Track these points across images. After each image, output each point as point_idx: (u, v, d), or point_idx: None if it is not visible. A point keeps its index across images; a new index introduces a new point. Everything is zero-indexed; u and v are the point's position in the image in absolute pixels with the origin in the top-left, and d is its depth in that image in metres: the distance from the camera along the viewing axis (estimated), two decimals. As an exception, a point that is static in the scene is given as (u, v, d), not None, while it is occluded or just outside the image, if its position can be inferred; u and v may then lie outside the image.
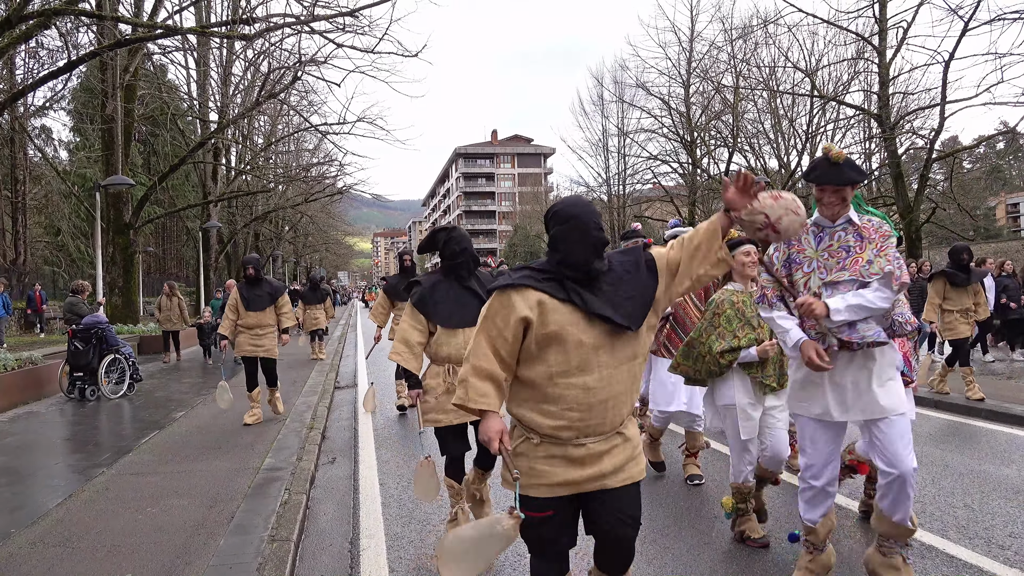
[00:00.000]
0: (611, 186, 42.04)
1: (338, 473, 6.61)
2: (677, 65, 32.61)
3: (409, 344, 4.48)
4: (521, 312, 2.62)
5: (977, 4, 16.58)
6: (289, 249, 50.94)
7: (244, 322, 8.79)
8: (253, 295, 8.79)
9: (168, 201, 33.82)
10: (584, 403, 2.61)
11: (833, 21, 21.06)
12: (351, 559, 4.51)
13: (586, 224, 2.63)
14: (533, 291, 2.65)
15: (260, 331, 8.78)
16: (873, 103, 23.55)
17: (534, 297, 2.64)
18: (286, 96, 22.62)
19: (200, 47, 23.03)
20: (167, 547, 4.52)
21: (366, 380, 12.71)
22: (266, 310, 8.80)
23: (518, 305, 2.63)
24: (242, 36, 13.73)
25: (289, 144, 34.82)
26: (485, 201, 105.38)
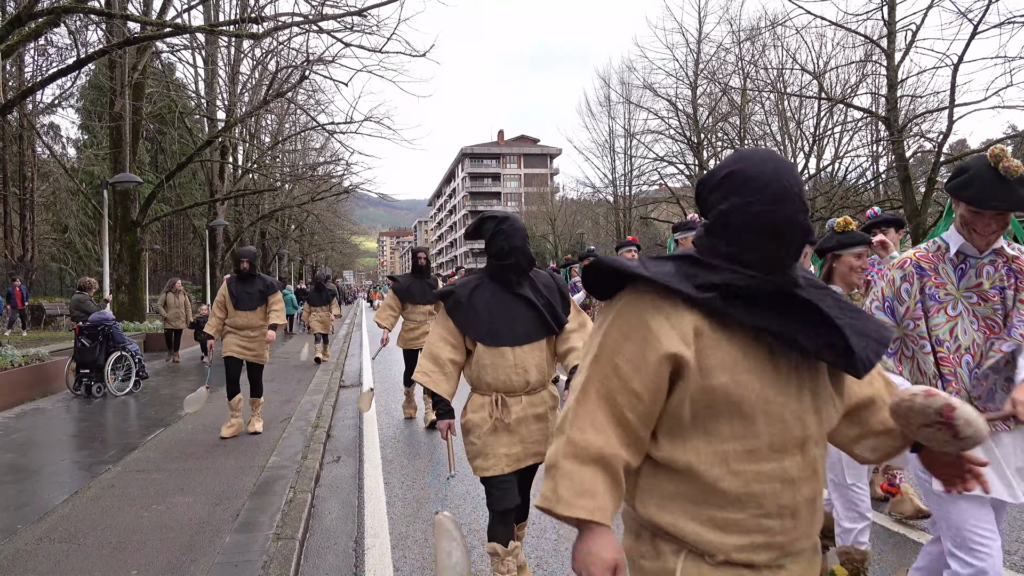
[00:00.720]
0: (617, 187, 42.02)
1: (343, 472, 6.61)
2: (684, 66, 32.61)
3: (439, 361, 3.50)
4: (668, 346, 1.50)
5: (987, 7, 16.53)
6: (295, 248, 51.02)
7: (233, 322, 7.94)
8: (244, 292, 7.92)
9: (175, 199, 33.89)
10: (788, 505, 1.52)
11: (841, 23, 21.00)
12: (356, 558, 4.51)
13: (792, 197, 1.49)
14: (687, 309, 1.52)
15: (251, 332, 7.92)
16: (881, 106, 23.47)
17: (689, 321, 1.51)
18: (293, 95, 22.67)
19: (208, 45, 23.11)
20: (173, 544, 4.52)
21: (371, 380, 12.72)
22: (257, 310, 7.93)
23: (662, 332, 1.51)
24: (250, 35, 13.76)
25: (296, 143, 34.90)
26: (491, 201, 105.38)
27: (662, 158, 35.60)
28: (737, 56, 28.71)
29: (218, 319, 7.97)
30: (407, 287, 8.44)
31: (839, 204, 26.63)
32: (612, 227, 43.53)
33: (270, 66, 23.08)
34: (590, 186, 45.20)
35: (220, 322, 7.98)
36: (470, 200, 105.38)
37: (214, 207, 27.36)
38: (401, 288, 8.45)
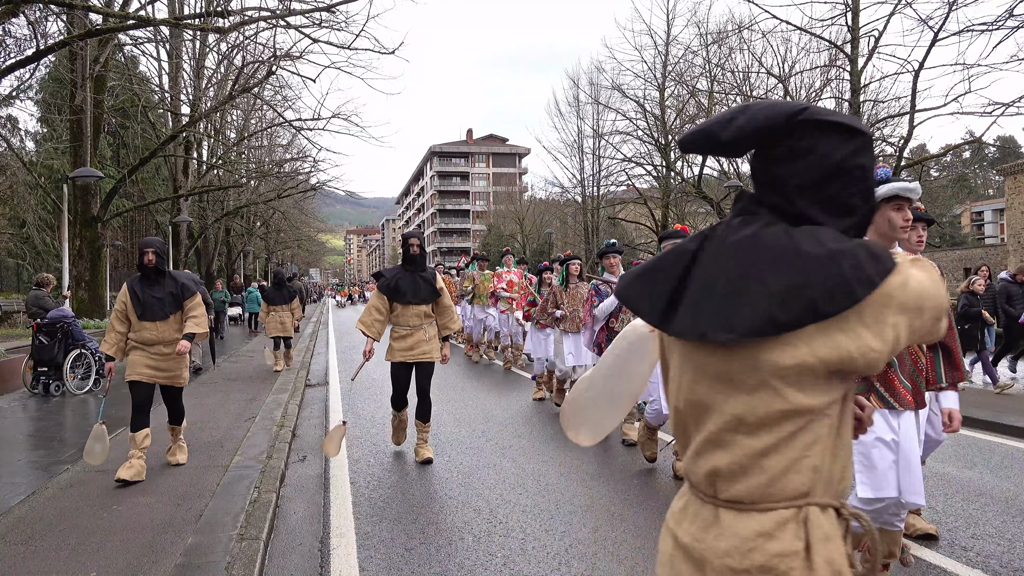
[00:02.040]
0: (585, 187, 42.16)
1: (308, 472, 6.55)
2: (653, 68, 32.83)
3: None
4: None
5: (947, 15, 16.89)
6: (261, 245, 50.45)
7: (138, 336, 6.16)
8: (150, 297, 6.12)
9: (138, 195, 33.31)
10: None
11: (806, 28, 21.32)
12: (321, 558, 4.48)
13: None
14: None
15: (164, 349, 6.19)
16: (844, 110, 23.87)
17: None
18: (260, 90, 22.41)
19: (173, 39, 22.72)
20: (133, 545, 4.45)
21: (337, 379, 12.63)
22: (170, 319, 6.19)
23: None
24: (216, 29, 13.57)
25: (262, 139, 34.47)
26: (459, 200, 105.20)
27: (630, 159, 35.80)
28: (704, 59, 28.99)
29: (118, 334, 6.21)
30: (395, 283, 6.69)
31: (803, 206, 27.01)
32: (580, 227, 43.68)
33: (236, 61, 22.78)
34: (559, 186, 45.28)
35: (121, 337, 6.23)
36: (439, 199, 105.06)
37: (178, 203, 26.94)
38: (388, 284, 6.73)
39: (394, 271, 6.85)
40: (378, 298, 6.76)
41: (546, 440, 7.56)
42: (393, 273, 6.82)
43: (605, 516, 5.08)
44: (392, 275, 6.80)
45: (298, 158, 34.48)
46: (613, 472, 6.30)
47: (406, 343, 6.72)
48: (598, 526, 4.87)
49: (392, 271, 6.87)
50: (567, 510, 5.24)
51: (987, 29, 14.96)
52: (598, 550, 4.45)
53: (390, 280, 6.75)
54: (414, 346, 6.72)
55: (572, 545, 4.52)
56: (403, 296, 6.67)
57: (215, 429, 8.00)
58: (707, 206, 31.58)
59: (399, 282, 6.68)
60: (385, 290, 6.72)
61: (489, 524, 4.94)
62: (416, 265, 6.80)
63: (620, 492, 5.69)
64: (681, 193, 33.35)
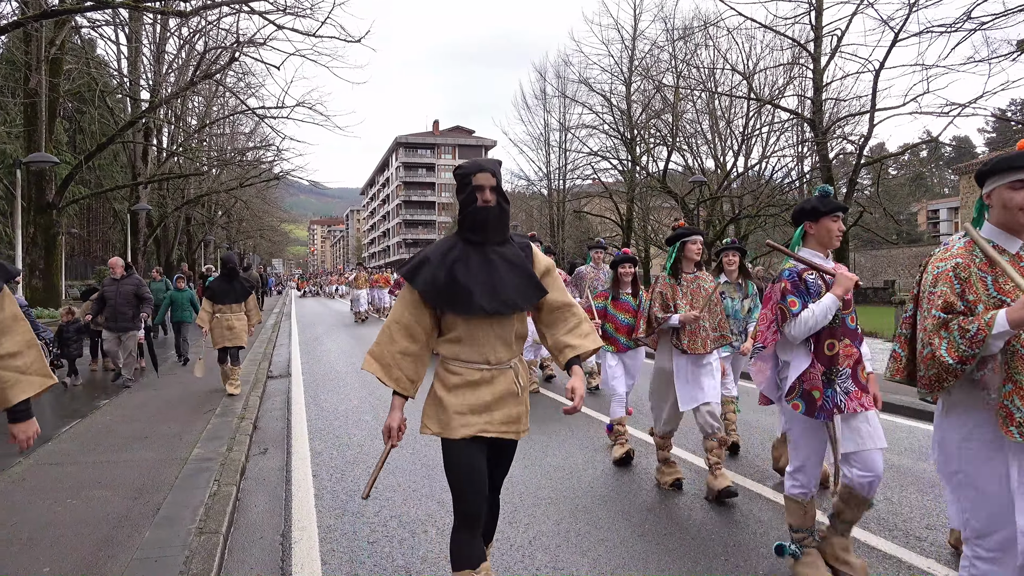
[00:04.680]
0: (551, 180, 42.28)
1: (270, 464, 6.47)
2: (619, 63, 32.98)
3: None
4: None
5: (907, 16, 17.26)
6: (222, 235, 49.67)
7: None
8: None
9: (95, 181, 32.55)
10: None
11: (771, 26, 21.60)
12: (282, 552, 4.43)
13: None
14: None
15: None
16: (807, 108, 24.23)
17: None
18: (222, 77, 22.03)
19: (132, 22, 22.23)
20: (88, 540, 4.35)
21: (300, 370, 12.50)
22: None
23: None
24: (177, 13, 13.30)
25: (224, 127, 33.93)
26: (425, 192, 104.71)
27: (596, 152, 36.00)
28: (671, 54, 29.20)
29: None
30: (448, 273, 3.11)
31: (765, 202, 27.39)
32: (546, 220, 43.78)
33: (198, 46, 22.39)
34: (524, 179, 45.36)
35: None
36: (404, 190, 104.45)
37: (136, 191, 26.38)
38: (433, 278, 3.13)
39: (443, 248, 3.22)
40: (410, 307, 3.17)
41: (510, 433, 7.56)
42: (442, 252, 3.18)
43: (569, 509, 5.10)
44: (439, 256, 3.17)
45: (261, 147, 33.98)
46: (577, 466, 6.32)
47: (478, 397, 3.14)
48: (561, 519, 4.88)
49: (440, 248, 3.24)
50: (531, 503, 5.24)
51: (946, 31, 15.27)
52: (561, 542, 4.46)
53: (436, 267, 3.14)
54: (496, 404, 3.16)
55: (536, 537, 4.53)
56: (467, 300, 3.07)
57: (174, 421, 7.86)
58: (672, 200, 31.84)
59: (457, 271, 3.10)
60: (427, 289, 3.12)
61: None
62: (491, 232, 3.13)
63: (584, 486, 5.72)
64: (646, 187, 33.57)
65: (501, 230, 3.15)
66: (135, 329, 10.53)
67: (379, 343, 3.16)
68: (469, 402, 3.09)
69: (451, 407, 3.09)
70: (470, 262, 3.09)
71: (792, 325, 3.73)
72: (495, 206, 3.08)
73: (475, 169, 3.10)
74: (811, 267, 3.83)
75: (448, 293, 3.07)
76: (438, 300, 3.08)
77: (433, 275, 3.09)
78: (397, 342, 3.12)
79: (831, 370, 3.73)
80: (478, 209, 3.08)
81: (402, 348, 3.11)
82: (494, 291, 3.05)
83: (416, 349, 3.12)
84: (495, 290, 3.06)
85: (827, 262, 3.87)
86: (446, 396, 3.11)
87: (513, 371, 3.16)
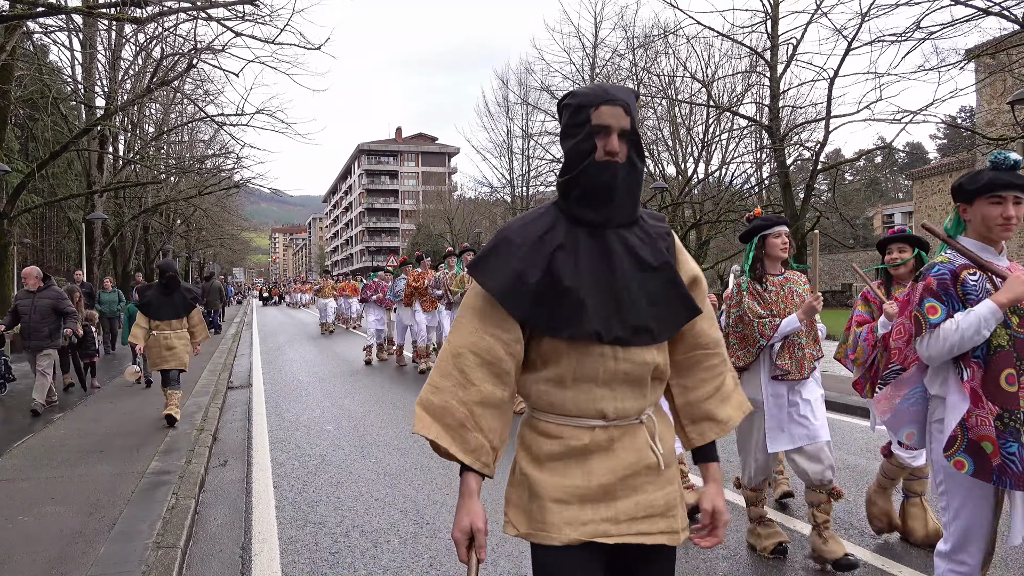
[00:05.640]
0: (515, 187, 42.37)
1: (230, 476, 6.38)
2: (581, 70, 33.20)
3: None
4: None
5: (860, 25, 17.60)
6: (181, 244, 48.87)
7: None
8: None
9: (48, 190, 31.79)
10: None
11: (728, 35, 21.91)
12: (242, 564, 4.37)
13: None
14: None
15: None
16: (764, 115, 24.62)
17: None
18: (180, 84, 21.72)
19: (87, 28, 21.80)
20: (40, 557, 4.25)
21: (261, 381, 12.34)
22: None
23: None
24: (132, 19, 13.08)
25: (183, 134, 33.40)
26: (388, 199, 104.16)
27: (559, 160, 36.14)
28: (631, 62, 29.47)
29: None
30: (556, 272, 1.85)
31: (726, 208, 27.78)
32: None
33: (155, 53, 22.02)
34: (488, 186, 45.41)
35: None
36: (367, 197, 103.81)
37: (92, 199, 25.83)
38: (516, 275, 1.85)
39: (536, 226, 1.91)
40: (491, 322, 1.89)
41: (474, 440, 7.54)
42: (535, 233, 1.90)
43: (532, 514, 5.10)
44: (531, 239, 1.89)
45: (221, 154, 33.49)
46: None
47: (590, 476, 1.89)
48: (525, 524, 4.89)
49: (531, 226, 1.92)
50: (494, 509, 5.23)
51: (897, 40, 15.60)
52: (525, 548, 4.44)
53: (524, 256, 1.87)
54: (621, 486, 1.90)
55: (499, 544, 4.53)
56: (576, 317, 1.83)
57: (131, 434, 7.71)
58: (634, 207, 32.06)
59: (559, 266, 1.84)
60: (507, 293, 1.86)
61: (416, 525, 4.91)
62: (617, 206, 1.88)
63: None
64: (608, 194, 33.78)
65: (631, 204, 1.89)
66: (52, 347, 9.39)
67: (438, 387, 1.90)
68: (575, 484, 1.86)
69: (546, 492, 1.88)
70: (580, 253, 1.85)
71: (927, 340, 2.72)
72: (625, 163, 1.83)
73: (598, 99, 1.83)
74: (976, 264, 2.75)
75: (545, 303, 1.83)
76: (526, 312, 1.84)
77: (519, 270, 1.83)
78: (473, 384, 1.85)
79: (1010, 415, 2.58)
80: (597, 167, 1.82)
81: (482, 395, 1.85)
82: (619, 306, 1.83)
83: (503, 395, 1.88)
84: (621, 305, 1.83)
85: (1000, 259, 2.81)
86: (537, 474, 1.90)
87: (646, 430, 1.91)
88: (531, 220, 1.93)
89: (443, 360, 1.91)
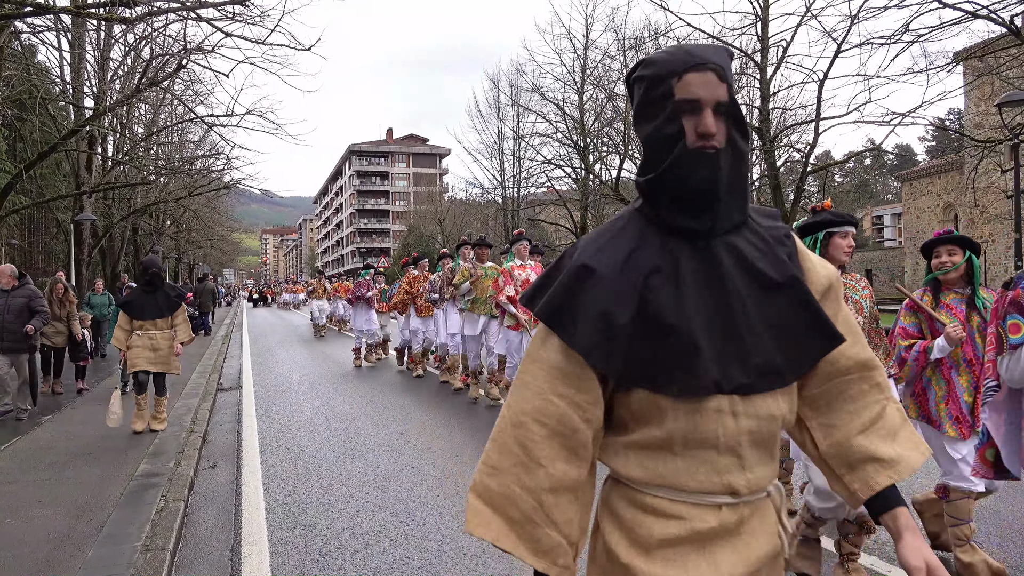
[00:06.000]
0: (506, 188, 42.37)
1: (219, 478, 6.35)
2: (572, 72, 33.28)
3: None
4: None
5: (849, 28, 17.68)
6: (171, 245, 48.67)
7: None
8: None
9: (36, 191, 31.60)
10: None
11: (719, 37, 21.96)
12: (232, 567, 4.35)
13: None
14: None
15: None
16: (754, 117, 24.71)
17: None
18: (169, 84, 21.64)
19: (75, 28, 21.70)
20: (27, 561, 4.22)
21: (251, 382, 12.30)
22: None
23: None
24: (122, 19, 13.02)
25: (172, 135, 33.28)
26: (379, 200, 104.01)
27: (550, 161, 36.17)
28: (622, 64, 29.53)
29: None
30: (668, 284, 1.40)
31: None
32: (501, 228, 43.87)
33: (144, 53, 21.93)
34: (479, 187, 45.38)
35: None
36: (358, 199, 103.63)
37: (80, 200, 25.69)
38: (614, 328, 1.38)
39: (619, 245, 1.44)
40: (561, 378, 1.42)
41: (465, 441, 7.55)
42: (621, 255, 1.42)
43: (523, 516, 5.10)
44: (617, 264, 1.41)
45: (210, 155, 33.38)
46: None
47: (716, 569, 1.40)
48: (516, 526, 4.88)
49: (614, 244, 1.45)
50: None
51: (886, 42, 15.69)
52: (515, 550, 4.46)
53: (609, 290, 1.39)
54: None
55: (489, 545, 4.51)
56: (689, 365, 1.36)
57: (120, 436, 7.66)
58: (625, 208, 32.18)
59: (658, 300, 1.37)
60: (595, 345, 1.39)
61: (406, 527, 4.90)
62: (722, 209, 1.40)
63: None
64: (600, 195, 33.88)
65: (740, 201, 1.42)
66: (29, 350, 9.01)
67: (496, 468, 1.45)
68: None
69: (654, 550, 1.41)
70: (682, 275, 1.39)
71: (1007, 361, 2.35)
72: (726, 148, 1.38)
73: (682, 65, 1.39)
74: None
75: (642, 349, 1.37)
76: (619, 367, 1.38)
77: (604, 310, 1.38)
78: (540, 464, 1.41)
79: None
80: (691, 158, 1.37)
81: (553, 478, 1.42)
82: (739, 343, 1.38)
83: (579, 474, 1.44)
84: (740, 341, 1.38)
85: None
86: (646, 567, 1.40)
87: (773, 505, 1.48)
88: (611, 237, 1.45)
89: (501, 432, 1.45)
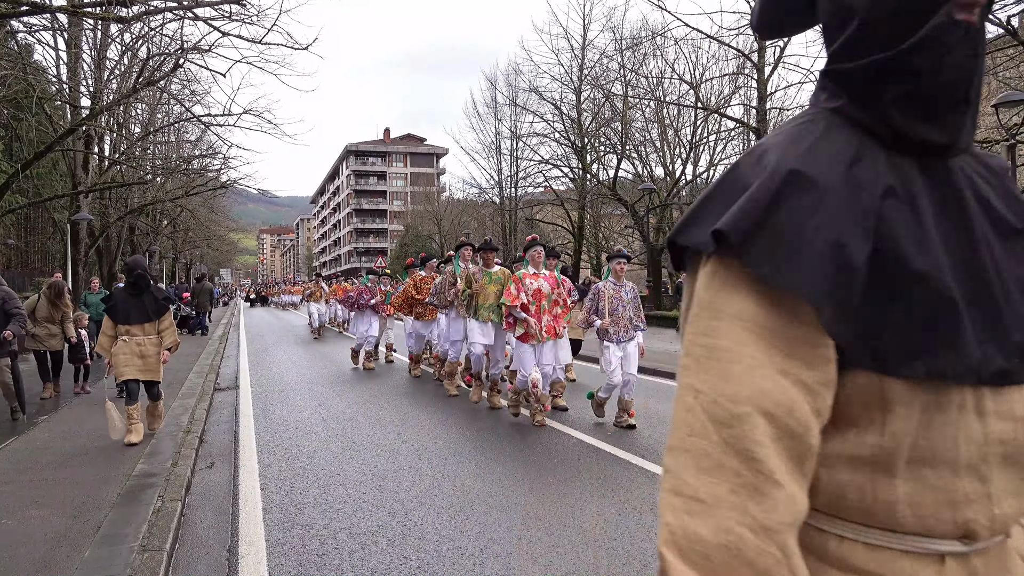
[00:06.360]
0: (503, 188, 42.37)
1: (216, 479, 6.34)
2: (569, 72, 33.29)
3: None
4: None
5: (846, 28, 17.69)
6: (167, 245, 48.58)
7: None
8: None
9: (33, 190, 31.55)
10: None
11: (716, 37, 21.99)
12: (229, 567, 4.34)
13: None
14: None
15: None
16: (752, 117, 24.74)
17: None
18: (166, 84, 21.60)
19: (72, 27, 21.65)
20: (24, 561, 4.21)
21: (249, 382, 12.28)
22: None
23: None
24: (118, 19, 12.99)
25: (169, 134, 33.24)
26: (376, 200, 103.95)
27: (547, 161, 36.20)
28: (619, 64, 29.58)
29: None
30: None
31: (713, 209, 27.92)
32: (498, 228, 43.87)
33: (141, 52, 21.90)
34: (476, 187, 45.41)
35: None
36: (355, 198, 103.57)
37: (77, 200, 25.65)
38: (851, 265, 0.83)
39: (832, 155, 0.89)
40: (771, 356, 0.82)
41: (462, 441, 7.55)
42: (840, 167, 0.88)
43: (520, 516, 5.11)
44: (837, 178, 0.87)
45: (207, 155, 33.32)
46: (529, 472, 6.34)
47: None
48: (513, 526, 4.89)
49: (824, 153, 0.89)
50: (482, 510, 5.24)
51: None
52: (513, 550, 4.46)
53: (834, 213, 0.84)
54: None
55: (487, 545, 4.52)
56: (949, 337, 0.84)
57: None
58: (622, 208, 32.20)
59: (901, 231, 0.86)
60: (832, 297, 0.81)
61: (404, 527, 4.89)
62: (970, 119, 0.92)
63: (535, 492, 5.73)
64: (597, 195, 33.90)
65: (977, 112, 0.93)
66: (11, 356, 8.66)
67: (701, 500, 0.77)
68: None
69: None
70: (921, 204, 0.89)
71: None
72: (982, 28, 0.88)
73: None
74: None
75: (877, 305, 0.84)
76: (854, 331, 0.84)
77: (837, 239, 0.83)
78: (779, 485, 0.78)
79: None
80: (954, 31, 0.86)
81: (797, 506, 0.79)
82: (996, 311, 0.88)
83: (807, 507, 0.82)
84: (997, 308, 0.88)
85: None
86: None
87: (1017, 554, 0.93)
88: (816, 139, 0.92)
89: (696, 434, 0.82)
